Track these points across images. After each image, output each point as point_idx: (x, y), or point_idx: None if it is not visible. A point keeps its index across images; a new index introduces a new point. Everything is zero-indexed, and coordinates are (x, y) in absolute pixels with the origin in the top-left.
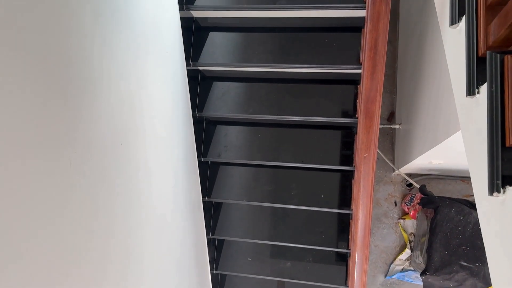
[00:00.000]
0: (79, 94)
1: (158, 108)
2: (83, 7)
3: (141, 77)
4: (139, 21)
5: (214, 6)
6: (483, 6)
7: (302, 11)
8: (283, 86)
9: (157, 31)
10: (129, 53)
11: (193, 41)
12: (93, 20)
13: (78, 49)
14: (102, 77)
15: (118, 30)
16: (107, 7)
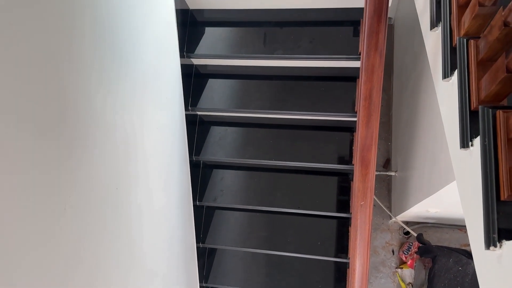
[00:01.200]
0: (77, 140)
1: (155, 154)
2: (86, 52)
3: (140, 123)
4: (141, 68)
5: (214, 55)
6: (474, 62)
7: (299, 61)
8: (280, 131)
9: (158, 77)
10: (131, 99)
11: (192, 86)
12: (97, 65)
13: (80, 95)
14: (102, 124)
15: (120, 76)
16: (111, 53)
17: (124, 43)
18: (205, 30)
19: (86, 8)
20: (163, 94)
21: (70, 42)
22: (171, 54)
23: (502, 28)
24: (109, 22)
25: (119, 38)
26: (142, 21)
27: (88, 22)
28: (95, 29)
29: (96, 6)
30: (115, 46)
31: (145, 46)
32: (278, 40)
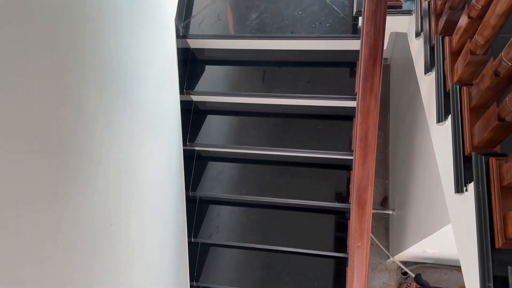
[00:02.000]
0: (72, 176)
1: (151, 189)
2: (86, 88)
3: (137, 159)
4: (141, 104)
5: (213, 92)
6: (467, 108)
7: (296, 99)
8: (277, 168)
9: (157, 113)
10: (129, 134)
11: (191, 122)
12: (95, 101)
13: (77, 130)
14: (98, 159)
15: (119, 112)
16: (111, 90)
17: (125, 81)
18: (205, 67)
19: (90, 49)
20: (161, 129)
21: (71, 79)
22: (171, 90)
23: (493, 78)
24: (111, 61)
25: (121, 76)
26: (145, 60)
27: (91, 60)
28: (98, 68)
29: (100, 47)
30: (116, 83)
31: (146, 83)
32: (277, 79)
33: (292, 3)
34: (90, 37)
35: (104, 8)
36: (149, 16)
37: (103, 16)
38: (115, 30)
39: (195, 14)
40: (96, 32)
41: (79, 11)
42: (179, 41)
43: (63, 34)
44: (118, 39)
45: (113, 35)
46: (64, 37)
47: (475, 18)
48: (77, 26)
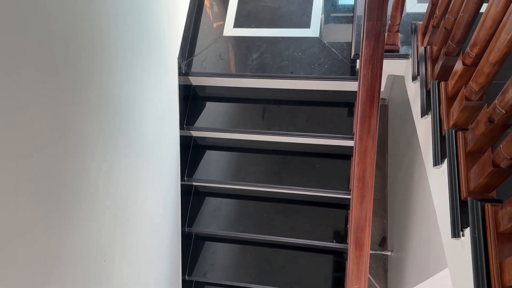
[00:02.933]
0: (67, 209)
1: (147, 224)
2: (90, 121)
3: (134, 193)
4: (141, 138)
5: (213, 128)
6: (463, 153)
7: (295, 137)
8: (274, 205)
9: (157, 148)
10: (126, 168)
11: (190, 157)
12: (95, 135)
13: (77, 162)
14: (94, 193)
15: (119, 146)
16: (112, 124)
17: (126, 115)
18: (206, 104)
19: (93, 84)
20: (160, 164)
21: (72, 112)
22: (171, 125)
23: (488, 124)
24: (114, 96)
25: (123, 110)
26: (147, 96)
27: (94, 94)
28: (100, 102)
29: (104, 82)
30: (118, 118)
31: (147, 118)
32: (276, 117)
33: (292, 44)
34: (94, 72)
35: (109, 45)
36: (153, 53)
37: (109, 52)
38: (119, 66)
39: (197, 52)
40: (100, 67)
41: (85, 46)
42: (181, 78)
43: (68, 68)
44: (121, 75)
45: (117, 70)
46: (69, 71)
47: (470, 65)
48: (82, 61)
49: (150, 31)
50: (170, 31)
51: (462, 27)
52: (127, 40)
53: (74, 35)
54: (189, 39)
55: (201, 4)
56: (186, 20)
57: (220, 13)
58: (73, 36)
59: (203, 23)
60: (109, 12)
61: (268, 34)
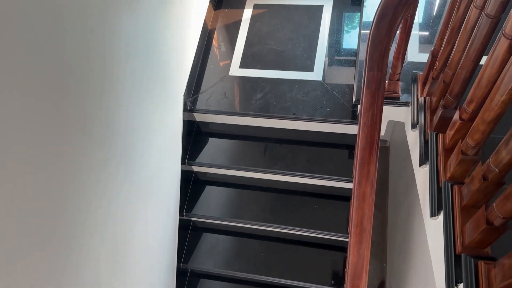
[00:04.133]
0: (64, 243)
1: (142, 260)
2: (93, 153)
3: (131, 227)
4: (142, 172)
5: (214, 164)
6: (459, 207)
7: (295, 177)
8: (272, 244)
9: (157, 182)
10: (125, 202)
11: (190, 192)
12: (100, 167)
13: (77, 194)
14: (91, 227)
15: (119, 180)
16: (115, 156)
17: (129, 148)
18: (209, 139)
19: (99, 115)
20: (159, 199)
21: (76, 143)
22: (173, 160)
23: (482, 181)
24: (119, 128)
25: (126, 143)
26: (151, 130)
27: (99, 125)
28: (105, 134)
29: (111, 114)
30: (121, 150)
31: (150, 151)
32: (277, 156)
33: (295, 87)
34: (103, 104)
35: (119, 79)
36: (160, 90)
37: (118, 87)
38: (127, 100)
39: (203, 90)
40: (109, 100)
41: (95, 79)
42: (185, 113)
43: (76, 98)
44: (128, 108)
45: (124, 104)
46: (77, 102)
47: (466, 120)
48: (91, 92)
49: (160, 68)
50: (178, 69)
51: (459, 82)
52: (136, 76)
53: (86, 68)
54: (196, 77)
55: (209, 44)
56: (194, 59)
57: (227, 53)
58: (84, 70)
59: (210, 62)
60: (122, 49)
61: (273, 76)
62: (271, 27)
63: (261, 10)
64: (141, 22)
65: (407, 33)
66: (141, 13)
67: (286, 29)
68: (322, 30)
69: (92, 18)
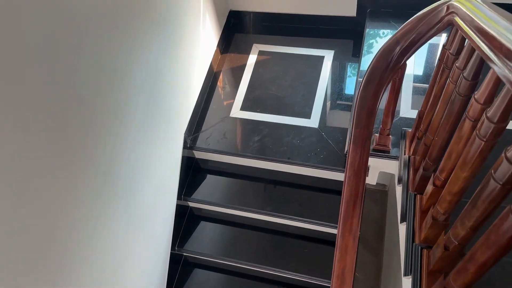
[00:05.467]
0: (57, 275)
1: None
2: (88, 187)
3: (122, 261)
4: (137, 206)
5: (209, 202)
6: (426, 270)
7: (287, 220)
8: (261, 285)
9: (151, 216)
10: (118, 238)
11: (183, 227)
12: (93, 201)
13: (70, 227)
14: (82, 260)
15: (114, 214)
16: (110, 190)
17: (126, 183)
18: (207, 176)
19: (99, 150)
20: (152, 232)
21: (74, 175)
22: (169, 195)
23: (443, 251)
24: (117, 162)
25: (124, 178)
26: (150, 165)
27: (97, 159)
28: (101, 168)
29: (110, 149)
30: (115, 185)
31: (147, 186)
32: (271, 197)
33: (292, 132)
34: (107, 139)
35: (124, 115)
36: (163, 127)
37: (122, 122)
38: (130, 138)
39: (204, 129)
40: (111, 134)
41: (101, 113)
42: (185, 150)
43: (77, 130)
44: (131, 147)
45: (128, 143)
46: (76, 134)
47: (439, 187)
48: (96, 126)
49: (164, 107)
50: (182, 108)
51: (436, 148)
52: (141, 114)
53: (95, 105)
54: (198, 116)
55: (213, 86)
56: (198, 98)
57: (230, 95)
58: (94, 106)
59: (213, 103)
60: (129, 88)
61: (272, 120)
62: (273, 73)
63: (265, 56)
64: (150, 63)
65: (396, 93)
66: (150, 54)
67: (287, 76)
68: (321, 80)
69: (104, 57)
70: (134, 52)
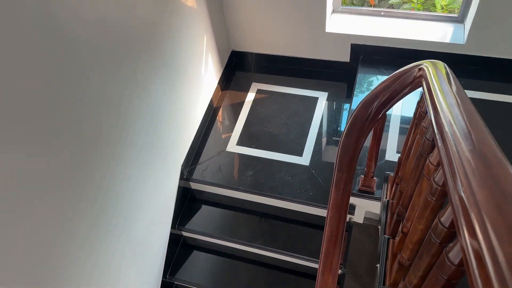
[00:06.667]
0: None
1: None
2: (84, 216)
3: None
4: (130, 236)
5: (201, 232)
6: None
7: (275, 254)
8: None
9: (144, 245)
10: (111, 265)
11: (176, 255)
12: (88, 229)
13: (60, 252)
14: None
15: (106, 243)
16: (104, 219)
17: (121, 213)
18: (202, 206)
19: (95, 180)
20: (144, 260)
21: (74, 211)
22: (163, 224)
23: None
24: (114, 193)
25: (120, 209)
26: (146, 195)
27: (94, 189)
28: (98, 199)
29: (108, 180)
30: (111, 215)
31: (141, 216)
32: (261, 230)
33: (284, 168)
34: (101, 170)
35: (126, 150)
36: (160, 160)
37: (119, 155)
38: (125, 166)
39: (201, 162)
40: (108, 167)
41: (97, 148)
42: (181, 181)
43: (77, 163)
44: (129, 179)
45: (123, 171)
46: (76, 166)
47: (406, 234)
48: (92, 162)
49: (163, 141)
50: (180, 141)
51: (407, 196)
52: (141, 148)
53: (97, 134)
54: (196, 149)
55: (212, 121)
56: (196, 132)
57: (227, 130)
58: (95, 137)
59: (211, 137)
60: (131, 123)
61: (265, 156)
62: (270, 111)
63: (263, 95)
64: (152, 98)
65: (377, 140)
66: (153, 90)
67: (283, 115)
68: (314, 120)
69: (109, 92)
70: (138, 87)
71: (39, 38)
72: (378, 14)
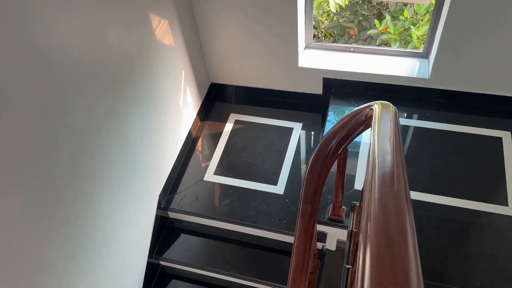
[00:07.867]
0: None
1: None
2: (60, 247)
3: None
4: (105, 265)
5: (178, 261)
6: None
7: (251, 283)
8: None
9: (121, 275)
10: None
11: (153, 285)
12: (65, 263)
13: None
14: None
15: (82, 271)
16: (81, 249)
17: (100, 244)
18: (180, 235)
19: (69, 209)
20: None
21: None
22: (141, 253)
23: None
24: (89, 223)
25: (96, 240)
26: (123, 226)
27: (68, 219)
28: (72, 229)
29: (85, 209)
30: (87, 245)
31: (118, 246)
32: (237, 259)
33: (259, 197)
34: (76, 202)
35: (100, 178)
36: (137, 190)
37: (94, 186)
38: (101, 197)
39: (179, 191)
40: (83, 199)
41: (72, 179)
42: (159, 210)
43: (52, 196)
44: (101, 205)
45: (98, 202)
46: (51, 200)
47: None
48: (67, 194)
49: (140, 171)
50: (158, 171)
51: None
52: (116, 176)
53: (72, 165)
54: (174, 179)
55: (191, 151)
56: (174, 162)
57: (205, 160)
58: (70, 168)
59: (189, 167)
60: (109, 154)
61: (241, 185)
62: (246, 141)
63: (240, 125)
64: (129, 129)
65: (342, 172)
66: (131, 122)
67: (259, 145)
68: (289, 149)
69: (85, 124)
70: (116, 121)
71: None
72: (348, 50)
